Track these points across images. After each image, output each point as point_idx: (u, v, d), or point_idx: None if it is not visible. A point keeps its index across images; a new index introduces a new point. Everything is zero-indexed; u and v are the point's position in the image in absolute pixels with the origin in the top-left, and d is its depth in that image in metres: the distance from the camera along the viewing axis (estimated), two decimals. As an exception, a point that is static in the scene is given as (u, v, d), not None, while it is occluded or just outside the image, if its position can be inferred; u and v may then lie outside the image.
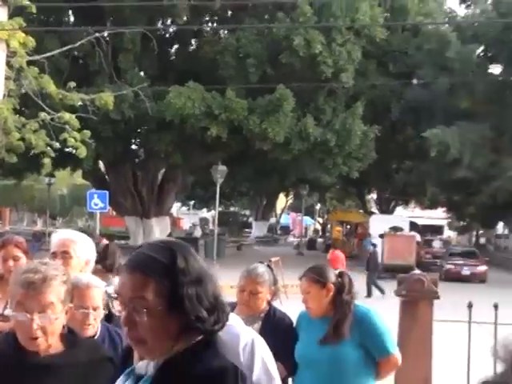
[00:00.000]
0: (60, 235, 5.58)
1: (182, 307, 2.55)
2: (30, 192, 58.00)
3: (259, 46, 32.86)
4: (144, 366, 2.66)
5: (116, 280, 5.16)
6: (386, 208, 56.08)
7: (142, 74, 34.71)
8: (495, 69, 37.59)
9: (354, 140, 33.96)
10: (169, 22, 38.23)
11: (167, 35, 38.65)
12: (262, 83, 32.09)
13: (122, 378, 2.73)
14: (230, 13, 37.82)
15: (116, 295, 2.73)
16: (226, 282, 5.62)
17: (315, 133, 32.90)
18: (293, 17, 32.66)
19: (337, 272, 5.54)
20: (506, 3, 35.32)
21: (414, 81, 36.96)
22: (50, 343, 3.27)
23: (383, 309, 5.90)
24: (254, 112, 32.13)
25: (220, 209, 44.47)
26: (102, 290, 4.40)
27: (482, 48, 36.93)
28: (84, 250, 5.23)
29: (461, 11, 40.46)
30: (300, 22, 31.91)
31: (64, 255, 5.17)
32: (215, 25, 38.78)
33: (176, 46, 39.42)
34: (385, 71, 37.54)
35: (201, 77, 32.13)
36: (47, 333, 3.22)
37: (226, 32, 37.74)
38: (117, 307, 3.96)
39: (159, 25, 37.06)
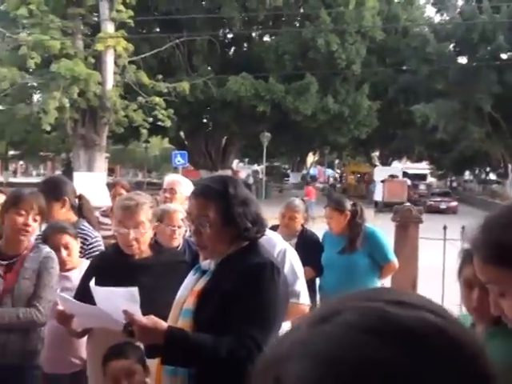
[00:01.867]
0: (170, 177, 5.78)
1: (234, 222, 2.58)
2: (133, 154, 58.38)
3: (292, 46, 32.57)
4: (207, 263, 2.71)
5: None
6: (385, 162, 55.67)
7: (209, 68, 34.60)
8: (462, 59, 37.40)
9: (362, 112, 33.76)
10: (227, 30, 37.98)
11: (226, 40, 38.43)
12: (294, 72, 31.95)
13: (191, 272, 2.77)
14: (270, 23, 37.59)
15: (186, 214, 2.77)
16: (272, 214, 5.64)
17: (334, 107, 32.68)
18: (316, 24, 32.36)
19: (351, 202, 5.57)
20: (468, 11, 35.23)
21: (404, 69, 36.67)
22: (142, 249, 3.33)
23: (384, 230, 5.84)
24: (289, 93, 31.91)
25: (266, 164, 44.42)
26: (183, 215, 4.43)
27: (452, 44, 36.64)
28: (185, 189, 5.31)
29: (437, 18, 40.19)
30: (322, 28, 31.64)
31: (171, 191, 5.31)
32: (260, 31, 38.37)
33: (233, 48, 39.22)
34: (383, 63, 37.24)
35: (251, 69, 31.94)
36: (139, 242, 3.30)
37: (268, 37, 37.54)
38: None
39: (221, 33, 36.79)
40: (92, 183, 22.94)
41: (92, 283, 2.99)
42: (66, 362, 3.88)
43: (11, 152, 53.62)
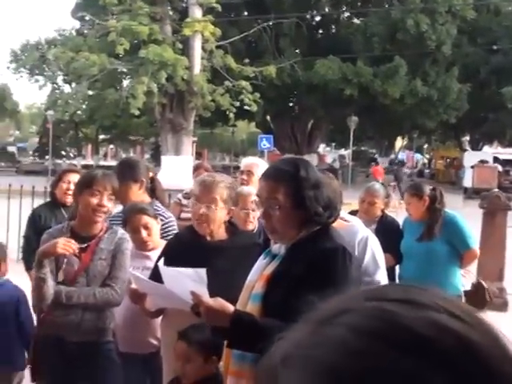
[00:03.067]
0: (248, 159, 5.82)
1: (304, 205, 2.53)
2: (220, 138, 59.06)
3: (381, 28, 32.04)
4: (277, 247, 2.68)
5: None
6: (475, 146, 54.08)
7: (296, 51, 34.47)
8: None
9: (451, 95, 32.91)
10: (315, 12, 37.70)
11: (314, 23, 38.17)
12: (383, 55, 31.42)
13: (262, 256, 2.75)
14: (359, 4, 37.08)
15: (256, 197, 2.75)
16: (357, 199, 5.57)
17: (422, 90, 32.00)
18: (405, 4, 31.74)
19: (431, 187, 5.43)
20: None
21: (495, 48, 35.41)
22: (212, 229, 3.31)
23: (472, 218, 5.66)
24: (378, 76, 31.47)
25: (353, 148, 43.97)
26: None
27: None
28: (262, 171, 5.28)
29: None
30: (411, 8, 30.99)
31: (248, 173, 5.33)
32: (348, 14, 37.92)
33: (320, 31, 38.92)
34: (474, 43, 36.11)
35: (338, 52, 31.61)
36: (209, 219, 3.28)
37: (356, 18, 37.06)
38: None
39: (308, 15, 36.55)
40: (179, 166, 23.37)
41: (161, 263, 3.02)
42: (141, 342, 3.96)
43: (101, 136, 55.29)
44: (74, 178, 4.87)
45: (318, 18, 38.42)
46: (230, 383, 2.60)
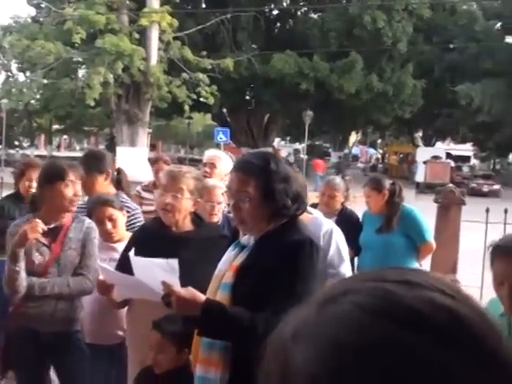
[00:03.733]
0: (210, 152, 5.77)
1: (274, 198, 2.58)
2: (175, 130, 58.59)
3: (338, 23, 32.28)
4: (246, 239, 2.73)
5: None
6: (428, 142, 54.81)
7: (253, 45, 34.47)
8: (510, 39, 36.54)
9: (406, 91, 33.40)
10: (273, 6, 37.72)
11: (271, 17, 38.18)
12: (339, 50, 31.64)
13: (231, 247, 2.79)
14: (316, -1, 37.34)
15: (227, 189, 2.78)
16: (312, 193, 5.63)
17: (378, 86, 32.34)
18: (362, 1, 32.01)
19: (390, 181, 5.52)
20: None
21: (450, 47, 35.95)
22: (177, 219, 3.32)
23: (424, 212, 5.79)
24: (334, 71, 31.68)
25: (308, 142, 44.15)
26: (223, 190, 4.44)
27: (500, 23, 35.82)
28: (225, 164, 5.31)
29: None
30: (369, 5, 31.26)
31: (211, 166, 5.31)
32: (306, 8, 38.01)
33: (278, 25, 38.93)
34: (429, 41, 36.64)
35: (295, 46, 31.71)
36: (175, 209, 3.28)
37: (314, 14, 37.19)
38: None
39: (266, 9, 36.57)
40: (134, 158, 23.18)
41: (131, 253, 3.03)
42: (106, 333, 3.96)
43: (55, 126, 54.34)
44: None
45: (275, 13, 38.44)
46: (199, 371, 2.63)
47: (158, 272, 2.73)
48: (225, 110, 38.89)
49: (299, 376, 0.65)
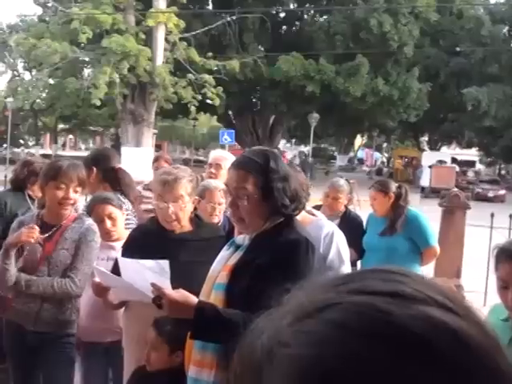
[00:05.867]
0: (216, 152, 5.74)
1: (272, 196, 2.55)
2: (181, 131, 58.76)
3: (344, 26, 32.27)
4: (241, 238, 2.70)
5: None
6: (434, 147, 54.84)
7: (259, 47, 34.47)
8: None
9: (412, 94, 33.27)
10: (279, 8, 37.73)
11: (278, 19, 38.19)
12: (345, 53, 31.57)
13: (225, 246, 2.75)
14: (323, 2, 37.24)
15: (225, 186, 2.74)
16: (317, 196, 5.59)
17: (384, 90, 32.27)
18: (369, 4, 31.96)
19: (397, 185, 5.49)
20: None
21: (457, 50, 35.84)
22: (182, 225, 3.30)
23: (429, 217, 5.74)
24: (340, 74, 31.64)
25: (313, 145, 44.16)
26: (224, 192, 4.41)
27: (507, 28, 35.75)
28: None
29: (492, -1, 39.41)
30: (375, 8, 31.21)
31: (216, 166, 5.27)
32: (312, 12, 38.02)
33: (284, 27, 38.96)
34: (436, 45, 36.61)
35: (301, 49, 31.71)
36: (179, 217, 3.26)
37: (320, 16, 37.19)
38: None
39: (273, 11, 36.59)
40: (139, 158, 23.15)
41: (119, 255, 2.98)
42: (102, 332, 3.93)
43: (61, 126, 54.54)
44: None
45: (282, 15, 38.47)
46: (192, 373, 2.60)
47: (146, 273, 2.68)
48: (230, 112, 38.91)
49: None
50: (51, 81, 28.20)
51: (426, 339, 0.55)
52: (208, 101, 27.01)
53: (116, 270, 3.15)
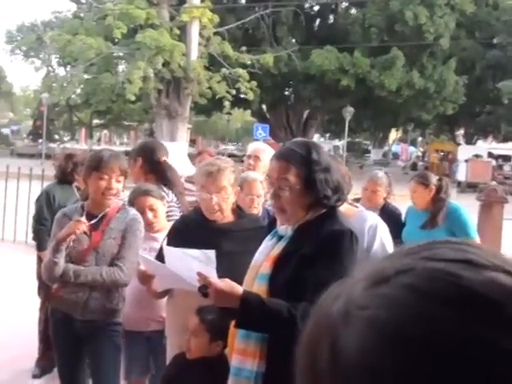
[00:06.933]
0: (255, 144, 5.80)
1: (314, 187, 2.57)
2: (215, 125, 58.90)
3: (379, 19, 31.97)
4: (284, 229, 2.72)
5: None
6: (470, 140, 54.17)
7: (293, 40, 34.39)
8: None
9: (448, 87, 32.85)
10: (313, 1, 37.60)
11: (312, 12, 38.05)
12: (380, 46, 31.34)
13: (268, 237, 2.78)
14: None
15: (266, 176, 2.77)
16: (353, 191, 5.60)
17: (419, 83, 31.93)
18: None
19: (437, 177, 5.48)
20: None
21: (493, 43, 35.26)
22: (225, 215, 3.35)
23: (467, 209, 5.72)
24: (375, 67, 31.40)
25: (348, 139, 43.95)
26: (264, 183, 4.44)
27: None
28: (269, 157, 5.27)
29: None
30: (410, 0, 30.89)
31: (255, 158, 5.32)
32: (347, 4, 37.80)
33: (318, 20, 38.79)
34: (472, 37, 36.07)
35: (335, 42, 31.55)
36: (222, 207, 3.31)
37: (355, 9, 36.96)
38: None
39: (306, 4, 36.46)
40: (174, 153, 23.26)
41: (164, 243, 3.03)
42: (145, 321, 4.00)
43: (96, 121, 55.02)
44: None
45: (316, 8, 38.31)
46: (235, 361, 2.63)
47: (192, 263, 2.72)
48: (264, 106, 38.90)
49: (353, 369, 0.59)
50: (86, 76, 28.47)
51: (496, 302, 0.57)
52: (242, 95, 27.04)
53: (160, 259, 3.21)
